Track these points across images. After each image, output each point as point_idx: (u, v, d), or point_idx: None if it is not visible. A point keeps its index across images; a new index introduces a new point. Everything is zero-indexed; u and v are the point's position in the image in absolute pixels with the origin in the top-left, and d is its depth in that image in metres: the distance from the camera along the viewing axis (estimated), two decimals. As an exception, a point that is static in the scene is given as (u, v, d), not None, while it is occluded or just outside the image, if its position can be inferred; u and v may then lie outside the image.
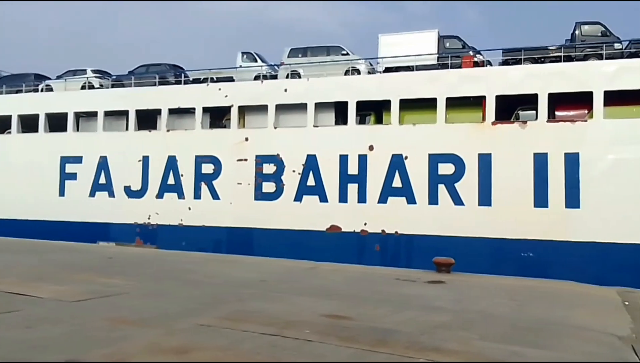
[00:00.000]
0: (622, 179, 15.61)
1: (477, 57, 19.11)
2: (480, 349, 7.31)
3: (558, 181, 16.47)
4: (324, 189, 19.65)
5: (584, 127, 16.36)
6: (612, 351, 7.89)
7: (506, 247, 16.75)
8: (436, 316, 9.42)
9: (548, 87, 16.75)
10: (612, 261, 15.47)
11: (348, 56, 21.26)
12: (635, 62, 16.28)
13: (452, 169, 17.61)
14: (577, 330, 9.06)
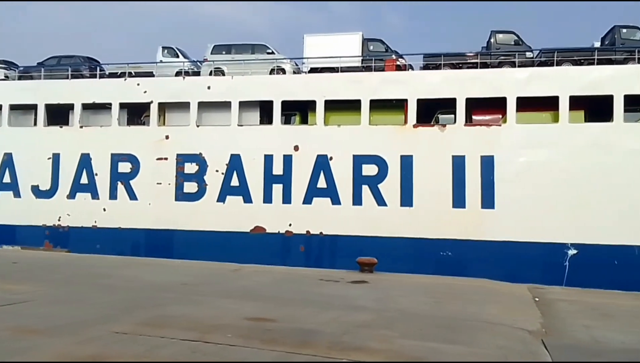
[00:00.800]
0: (532, 181, 16.58)
1: (400, 61, 19.62)
2: (401, 347, 7.41)
3: (475, 183, 17.22)
4: (248, 190, 19.36)
5: (498, 131, 17.22)
6: (523, 345, 8.28)
7: (426, 246, 17.30)
8: (359, 315, 9.49)
9: (465, 92, 17.48)
10: (523, 259, 16.37)
11: (273, 55, 21.10)
12: (544, 70, 17.35)
13: (376, 170, 17.96)
14: (490, 326, 9.44)
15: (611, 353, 8.16)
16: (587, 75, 16.61)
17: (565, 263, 16.03)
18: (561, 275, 15.88)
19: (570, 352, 8.10)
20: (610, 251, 15.70)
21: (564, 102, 16.47)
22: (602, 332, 9.53)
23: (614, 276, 15.29)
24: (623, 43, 17.34)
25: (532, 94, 16.92)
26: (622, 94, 16.00)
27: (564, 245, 16.10)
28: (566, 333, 9.50)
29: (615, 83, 16.19)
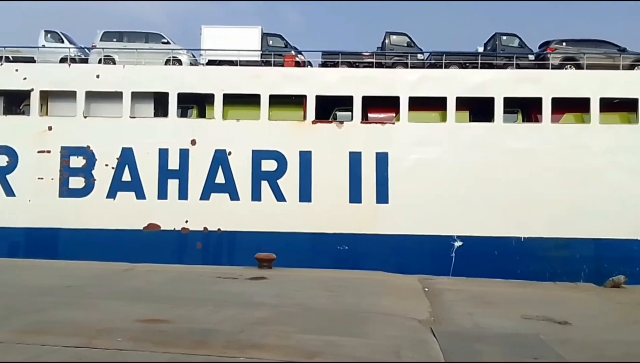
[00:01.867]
0: (422, 177, 17.47)
1: (299, 58, 19.71)
2: (298, 342, 7.46)
3: (370, 179, 17.80)
4: (141, 185, 18.46)
5: (392, 129, 17.91)
6: (413, 334, 8.69)
7: (324, 241, 17.59)
8: (256, 312, 9.42)
9: (362, 91, 17.98)
10: (414, 252, 17.20)
11: (169, 45, 20.26)
12: (434, 72, 18.33)
13: (275, 165, 17.92)
14: (384, 317, 9.81)
15: (492, 337, 8.81)
16: (471, 78, 17.82)
17: (451, 255, 17.10)
18: (448, 266, 16.92)
19: (455, 338, 8.63)
20: (492, 242, 17.01)
21: (451, 103, 17.53)
22: (484, 319, 10.27)
23: (495, 265, 16.57)
24: (503, 49, 18.83)
25: (422, 94, 17.79)
26: (502, 96, 17.37)
27: (451, 238, 17.17)
28: (452, 320, 10.12)
29: (496, 86, 17.54)
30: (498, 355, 7.68)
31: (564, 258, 16.44)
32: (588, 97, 16.97)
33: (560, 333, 9.19)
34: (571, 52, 18.01)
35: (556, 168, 16.78)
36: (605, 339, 8.88)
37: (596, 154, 16.69)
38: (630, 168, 16.56)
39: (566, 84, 17.32)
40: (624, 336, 9.19)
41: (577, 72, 17.63)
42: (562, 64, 17.92)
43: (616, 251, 16.28)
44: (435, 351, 7.74)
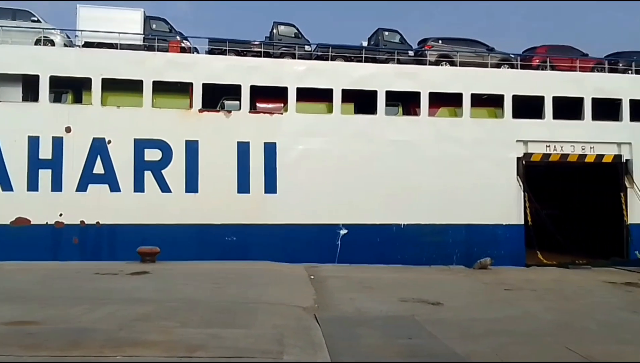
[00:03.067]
0: (309, 167, 17.72)
1: (184, 43, 18.98)
2: (181, 336, 7.29)
3: (258, 169, 17.71)
4: (7, 177, 16.75)
5: (279, 119, 17.94)
6: (297, 321, 8.86)
7: (212, 233, 17.23)
8: (137, 308, 9.04)
9: (250, 80, 17.78)
10: (302, 241, 17.45)
11: (40, 24, 18.53)
12: (321, 64, 18.59)
13: (159, 155, 17.16)
14: (270, 306, 9.89)
15: (371, 320, 9.24)
16: (356, 71, 18.35)
17: (337, 242, 17.61)
18: (334, 254, 17.41)
19: (337, 323, 8.93)
20: (374, 230, 17.76)
21: (337, 95, 17.94)
22: (364, 303, 10.74)
23: (378, 252, 17.35)
24: (385, 45, 19.62)
25: (310, 85, 18.01)
26: (384, 90, 18.12)
27: (337, 226, 17.67)
28: (335, 306, 10.46)
29: (379, 80, 18.25)
30: (375, 336, 8.08)
31: (439, 243, 17.62)
32: (461, 93, 18.27)
33: (433, 313, 9.88)
34: (446, 50, 19.23)
35: (432, 158, 17.87)
36: (472, 317, 9.68)
37: (467, 146, 18.01)
38: (496, 159, 18.16)
39: (441, 80, 18.45)
40: (488, 313, 10.10)
41: (451, 68, 18.85)
42: (438, 61, 19.09)
43: (484, 236, 17.77)
44: (318, 337, 7.96)
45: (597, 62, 19.87)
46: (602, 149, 18.67)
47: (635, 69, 19.54)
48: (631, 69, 19.57)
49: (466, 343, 7.70)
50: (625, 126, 18.77)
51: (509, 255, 17.60)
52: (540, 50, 20.02)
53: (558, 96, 18.43)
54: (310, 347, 7.36)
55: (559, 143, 18.45)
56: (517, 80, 18.69)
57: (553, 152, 18.46)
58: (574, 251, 18.50)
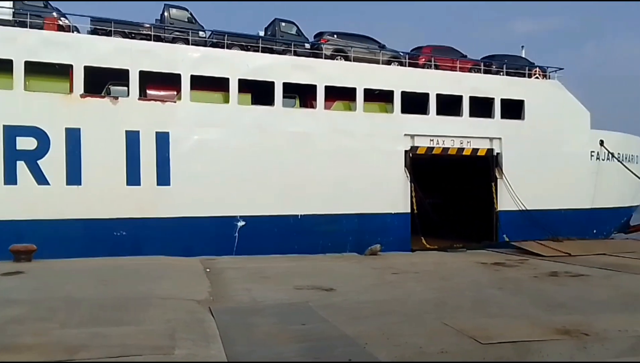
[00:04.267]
0: (205, 158, 17.30)
1: (62, 21, 17.48)
2: (60, 337, 6.86)
3: (150, 160, 16.93)
4: None
5: (173, 107, 17.28)
6: (190, 315, 8.70)
7: (99, 227, 16.23)
8: (10, 310, 8.35)
9: (139, 65, 16.88)
10: (198, 233, 17.01)
11: None
12: (217, 52, 18.12)
13: (35, 144, 15.75)
14: (161, 301, 9.60)
15: (266, 309, 9.31)
16: (253, 61, 18.17)
17: (235, 234, 17.42)
18: (232, 245, 17.22)
19: (232, 314, 8.89)
20: (272, 221, 17.81)
21: (233, 85, 17.65)
22: (260, 292, 10.79)
23: (275, 242, 17.42)
24: (282, 35, 19.64)
25: (205, 73, 17.53)
26: (282, 81, 18.14)
27: (234, 218, 17.47)
28: (231, 297, 10.41)
29: (276, 71, 18.23)
30: (270, 324, 8.16)
31: (333, 232, 18.09)
32: (354, 87, 18.84)
33: (326, 298, 10.18)
34: (341, 45, 19.69)
35: (327, 151, 18.26)
36: (361, 300, 10.12)
37: (359, 139, 18.64)
38: (386, 152, 18.98)
39: (337, 74, 18.87)
40: (376, 296, 10.61)
41: (346, 63, 19.36)
42: (334, 55, 19.51)
43: (374, 224, 18.53)
44: (212, 329, 7.89)
45: (474, 64, 21.47)
46: (477, 143, 20.25)
47: (506, 71, 21.38)
48: (503, 71, 21.39)
49: (355, 324, 8.04)
50: (496, 122, 20.49)
51: (397, 241, 18.57)
52: (425, 50, 21.20)
53: (441, 94, 19.67)
54: (204, 340, 7.28)
55: (441, 137, 19.71)
56: (406, 77, 19.66)
57: (436, 145, 19.69)
58: (453, 236, 19.99)
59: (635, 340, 7.28)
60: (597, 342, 7.16)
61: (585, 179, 21.55)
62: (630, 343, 7.12)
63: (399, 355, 6.57)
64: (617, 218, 23.45)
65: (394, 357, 6.49)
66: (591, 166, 21.88)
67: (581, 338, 7.33)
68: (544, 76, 22.23)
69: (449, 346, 6.95)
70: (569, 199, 21.09)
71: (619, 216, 23.45)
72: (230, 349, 6.87)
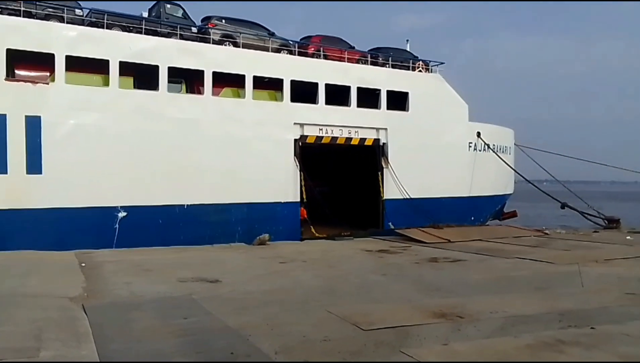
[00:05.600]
0: (83, 144, 16.07)
1: None
2: None
3: (18, 146, 15.43)
4: None
5: (45, 90, 15.86)
6: (61, 313, 8.08)
7: (-45, 220, 14.55)
8: None
9: (6, 42, 15.25)
10: (74, 226, 15.79)
11: None
12: (96, 31, 16.77)
13: None
14: (27, 299, 8.84)
15: (146, 303, 8.91)
16: (136, 43, 17.12)
17: (115, 226, 16.41)
18: (112, 238, 16.22)
19: (108, 311, 8.40)
20: (156, 211, 17.02)
21: (114, 67, 16.54)
22: (141, 286, 10.31)
23: (160, 233, 16.67)
24: (167, 18, 18.72)
25: (82, 54, 16.25)
26: (167, 65, 17.34)
27: (115, 208, 16.45)
28: (108, 292, 9.83)
29: (161, 54, 17.34)
30: (149, 319, 7.82)
31: (222, 222, 17.67)
32: (243, 74, 18.52)
33: (211, 290, 9.97)
34: (229, 30, 19.19)
35: (216, 138, 17.77)
36: (247, 290, 10.04)
37: (249, 127, 18.39)
38: (276, 140, 18.91)
39: (225, 60, 18.41)
40: (263, 286, 10.58)
41: (235, 49, 18.95)
42: (222, 40, 18.98)
43: (264, 213, 18.40)
44: (84, 327, 7.40)
45: (362, 55, 22.05)
46: (364, 133, 20.87)
47: (391, 63, 22.22)
48: (389, 63, 22.21)
49: (240, 316, 7.96)
50: (382, 113, 21.25)
51: (287, 230, 18.64)
52: (315, 39, 21.38)
53: (330, 84, 19.97)
54: (74, 339, 6.80)
55: (330, 127, 20.05)
56: (296, 66, 19.70)
57: (325, 135, 19.99)
58: (341, 224, 20.50)
59: (504, 320, 7.85)
60: (470, 324, 7.67)
61: (464, 169, 23.09)
62: (500, 324, 7.66)
63: (283, 345, 6.59)
64: (492, 206, 25.42)
65: (277, 347, 6.49)
66: (469, 157, 23.45)
67: (456, 321, 7.81)
68: (427, 70, 23.42)
69: (332, 333, 7.10)
70: (449, 188, 22.45)
71: (493, 203, 25.44)
72: (104, 348, 6.48)
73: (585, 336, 6.95)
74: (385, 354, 6.27)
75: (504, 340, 6.87)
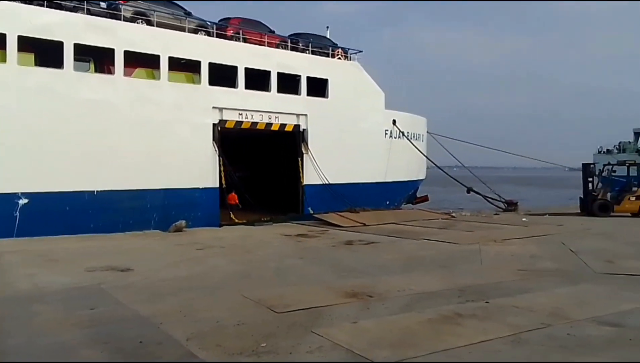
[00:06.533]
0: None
1: None
2: None
3: None
4: None
5: None
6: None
7: None
8: None
9: None
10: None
11: None
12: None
13: None
14: None
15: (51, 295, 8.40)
16: (37, 16, 15.87)
17: (15, 214, 15.28)
18: (12, 227, 15.10)
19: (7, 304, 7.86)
20: (63, 197, 15.99)
21: (12, 42, 15.25)
22: (46, 277, 9.71)
23: (67, 221, 15.70)
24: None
25: None
26: (73, 42, 16.22)
27: (15, 195, 15.28)
28: (8, 285, 9.17)
29: (66, 30, 16.18)
30: (53, 312, 7.40)
31: (137, 209, 16.91)
32: (158, 55, 17.75)
33: (121, 279, 9.58)
34: (142, 8, 18.24)
35: (129, 121, 16.94)
36: (161, 278, 9.75)
37: (165, 110, 17.70)
38: (194, 124, 18.38)
39: (139, 39, 17.51)
40: (178, 273, 10.32)
41: (149, 28, 18.04)
42: (134, 18, 18.03)
43: (182, 199, 17.85)
44: (-21, 323, 6.85)
45: (282, 40, 21.89)
46: (285, 119, 20.80)
47: (311, 49, 22.26)
48: (309, 49, 22.23)
49: (152, 304, 7.72)
50: (303, 99, 21.28)
51: (205, 216, 18.26)
52: (234, 21, 20.89)
53: (249, 68, 19.65)
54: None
55: (250, 112, 19.77)
56: (214, 48, 19.18)
57: (245, 120, 19.70)
58: (262, 210, 20.39)
59: (410, 297, 8.23)
60: (379, 302, 7.95)
61: (380, 155, 23.71)
62: (406, 301, 8.02)
63: (195, 331, 6.47)
64: (406, 190, 26.37)
65: (189, 334, 6.36)
66: (385, 144, 24.10)
67: (366, 300, 8.06)
68: (346, 57, 23.69)
69: (246, 317, 7.06)
70: (366, 174, 22.99)
71: (407, 188, 26.39)
72: (3, 343, 6.05)
73: (481, 309, 7.45)
74: (298, 335, 6.33)
75: (408, 315, 7.21)
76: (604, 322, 6.83)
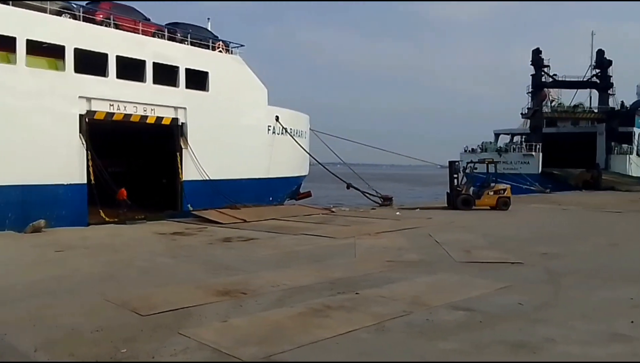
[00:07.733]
0: None
1: None
2: None
3: None
4: None
5: None
6: None
7: None
8: None
9: None
10: None
11: None
12: None
13: None
14: None
15: None
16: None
17: None
18: None
19: None
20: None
21: None
22: None
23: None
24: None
25: None
26: None
27: None
28: None
29: None
30: None
31: (-14, 207, 15.27)
32: (14, 37, 15.98)
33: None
34: (-5, -17, 16.37)
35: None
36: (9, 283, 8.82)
37: (23, 98, 16.01)
38: (56, 113, 16.80)
39: (-9, 19, 15.71)
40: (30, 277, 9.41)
41: (4, 7, 16.21)
42: (-14, -3, 16.11)
43: (43, 196, 16.24)
44: None
45: (158, 29, 20.82)
46: (161, 111, 19.81)
47: (190, 41, 21.42)
48: (187, 40, 21.35)
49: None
50: (181, 92, 20.42)
51: (71, 214, 16.82)
52: (104, 5, 19.43)
53: (122, 56, 18.43)
54: None
55: (123, 103, 18.55)
56: (81, 33, 17.70)
57: (117, 111, 18.44)
58: (136, 207, 19.24)
59: (283, 292, 8.21)
60: (252, 298, 7.85)
61: (263, 151, 23.55)
62: (278, 296, 7.99)
63: (45, 339, 5.90)
64: (289, 186, 26.50)
65: (38, 343, 5.78)
66: (268, 139, 23.98)
67: (239, 297, 7.90)
68: (227, 51, 23.20)
69: (107, 322, 6.60)
70: (248, 170, 22.69)
71: (290, 184, 26.52)
72: None
73: (349, 300, 7.66)
74: (162, 337, 6.03)
75: (279, 310, 7.20)
76: (457, 307, 7.33)
